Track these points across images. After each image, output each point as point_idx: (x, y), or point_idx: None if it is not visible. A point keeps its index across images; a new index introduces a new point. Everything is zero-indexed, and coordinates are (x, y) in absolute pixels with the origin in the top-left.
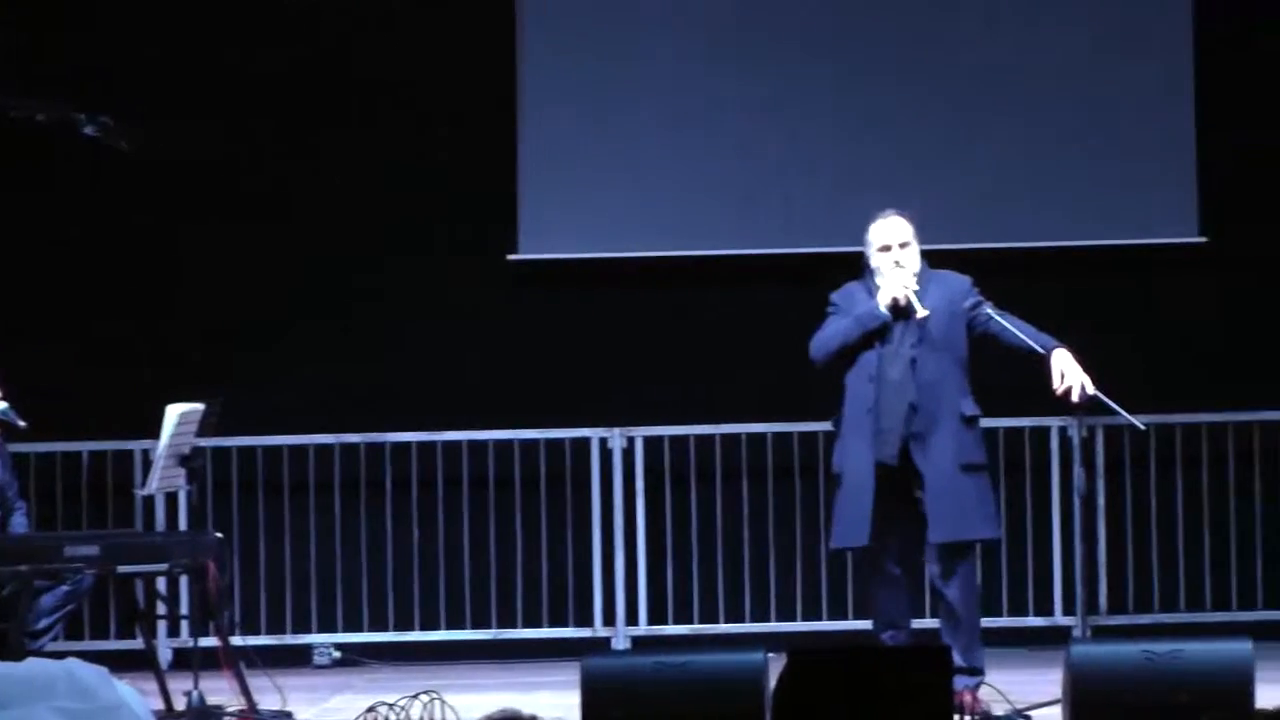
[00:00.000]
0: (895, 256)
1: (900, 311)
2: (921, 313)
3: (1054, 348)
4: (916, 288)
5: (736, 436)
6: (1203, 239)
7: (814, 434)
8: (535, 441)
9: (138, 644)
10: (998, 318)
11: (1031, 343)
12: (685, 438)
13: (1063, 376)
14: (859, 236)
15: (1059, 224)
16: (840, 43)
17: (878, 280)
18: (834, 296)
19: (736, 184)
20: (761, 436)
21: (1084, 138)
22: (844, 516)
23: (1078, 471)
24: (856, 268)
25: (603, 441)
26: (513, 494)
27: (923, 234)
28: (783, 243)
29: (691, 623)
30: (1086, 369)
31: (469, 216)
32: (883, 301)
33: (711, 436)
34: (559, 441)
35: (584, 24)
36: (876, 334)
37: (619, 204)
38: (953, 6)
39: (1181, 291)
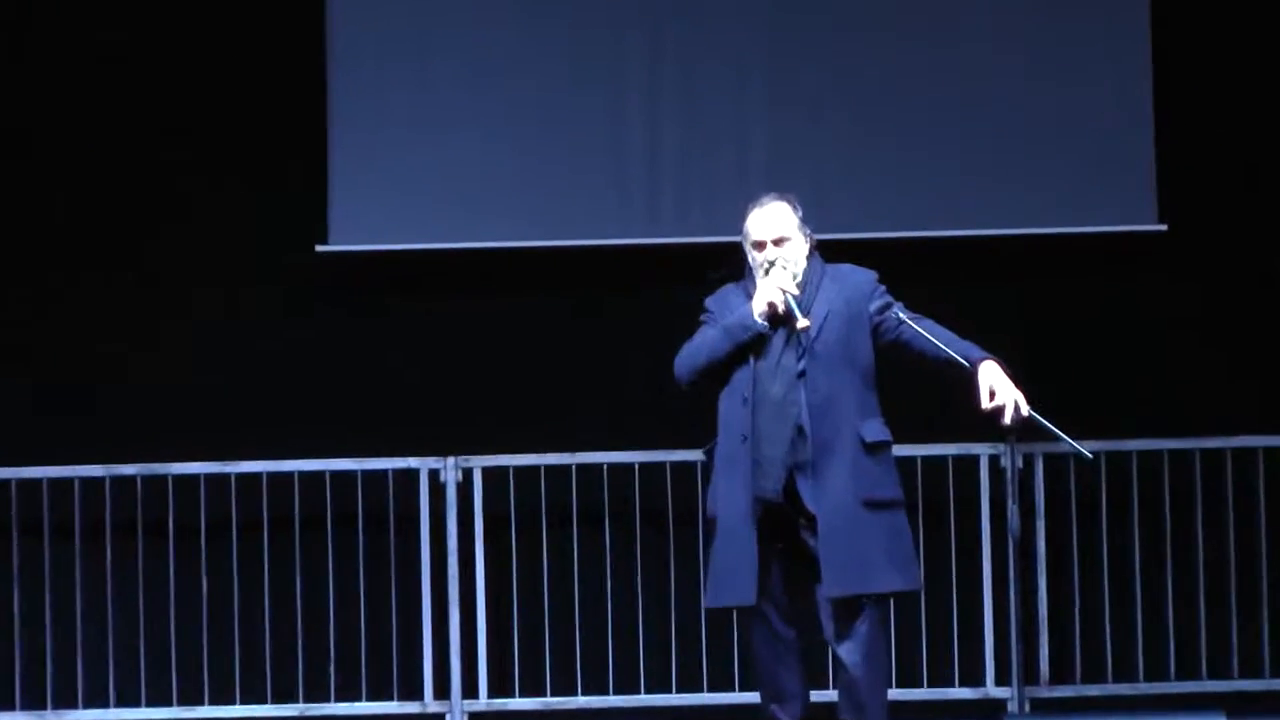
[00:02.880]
0: (769, 255)
1: (780, 319)
2: (802, 323)
3: (981, 358)
4: (797, 291)
5: (596, 468)
6: (1163, 227)
7: (690, 465)
8: (351, 473)
9: None
10: (910, 322)
11: (952, 352)
12: (534, 469)
13: (992, 393)
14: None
15: (990, 211)
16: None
17: (756, 281)
18: (708, 302)
19: (600, 163)
20: (627, 468)
21: (1028, 114)
22: (720, 569)
23: (1012, 510)
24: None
25: (433, 473)
26: (324, 537)
27: (834, 220)
28: (653, 232)
29: (543, 695)
30: (1021, 383)
31: (269, 200)
32: (756, 308)
33: (566, 468)
34: (380, 473)
35: None
36: (751, 347)
37: (450, 186)
38: None
39: (1138, 290)
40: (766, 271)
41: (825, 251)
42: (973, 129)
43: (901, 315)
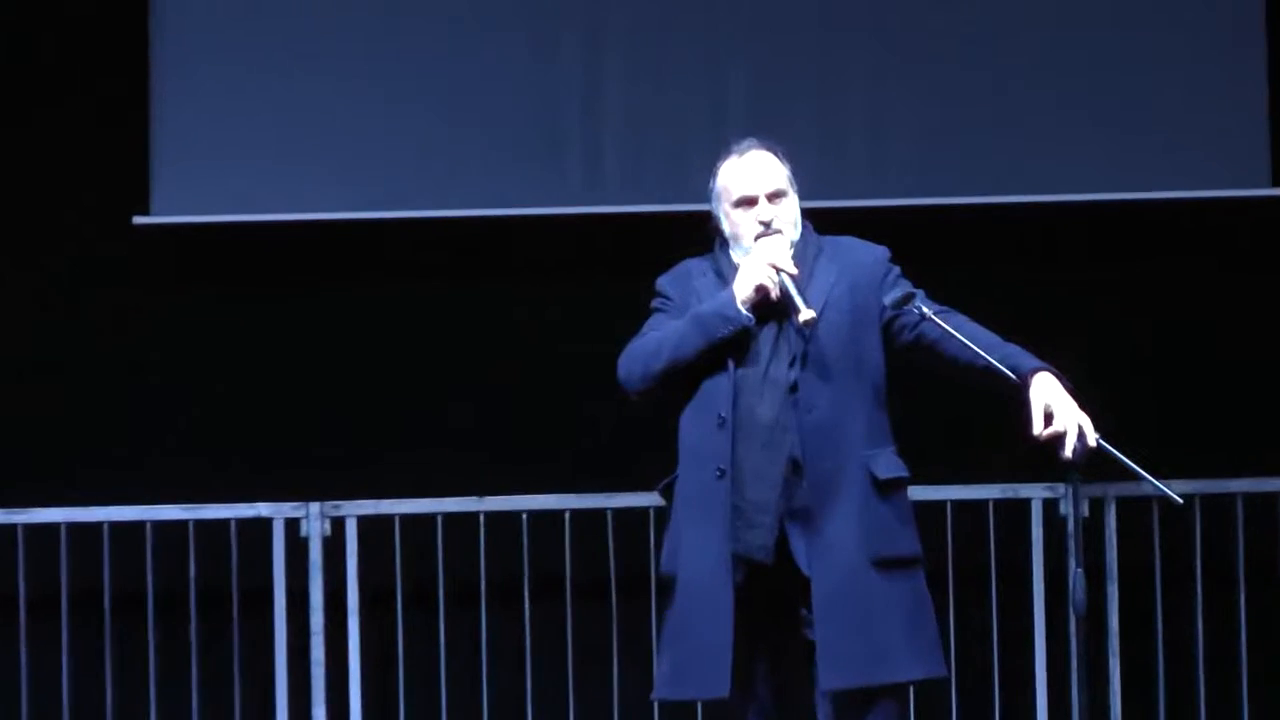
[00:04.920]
0: (763, 214)
1: (772, 309)
2: (805, 314)
3: (1033, 369)
4: (795, 270)
5: (512, 516)
6: (1276, 191)
7: (640, 511)
8: (179, 524)
9: None
10: (935, 318)
11: (993, 359)
12: (428, 519)
13: (1049, 416)
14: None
15: (1062, 173)
16: None
17: (735, 256)
18: (662, 282)
19: (520, 109)
20: (554, 517)
21: (1114, 58)
22: (681, 648)
23: (1075, 573)
24: (701, 238)
25: (291, 524)
26: (143, 610)
27: (849, 184)
28: (592, 199)
29: None
30: (1088, 402)
31: (75, 159)
32: (741, 293)
33: (471, 517)
34: (219, 523)
35: None
36: (731, 347)
37: (312, 140)
38: None
39: (1245, 272)
40: (757, 239)
41: (828, 222)
42: (1042, 73)
43: (924, 309)
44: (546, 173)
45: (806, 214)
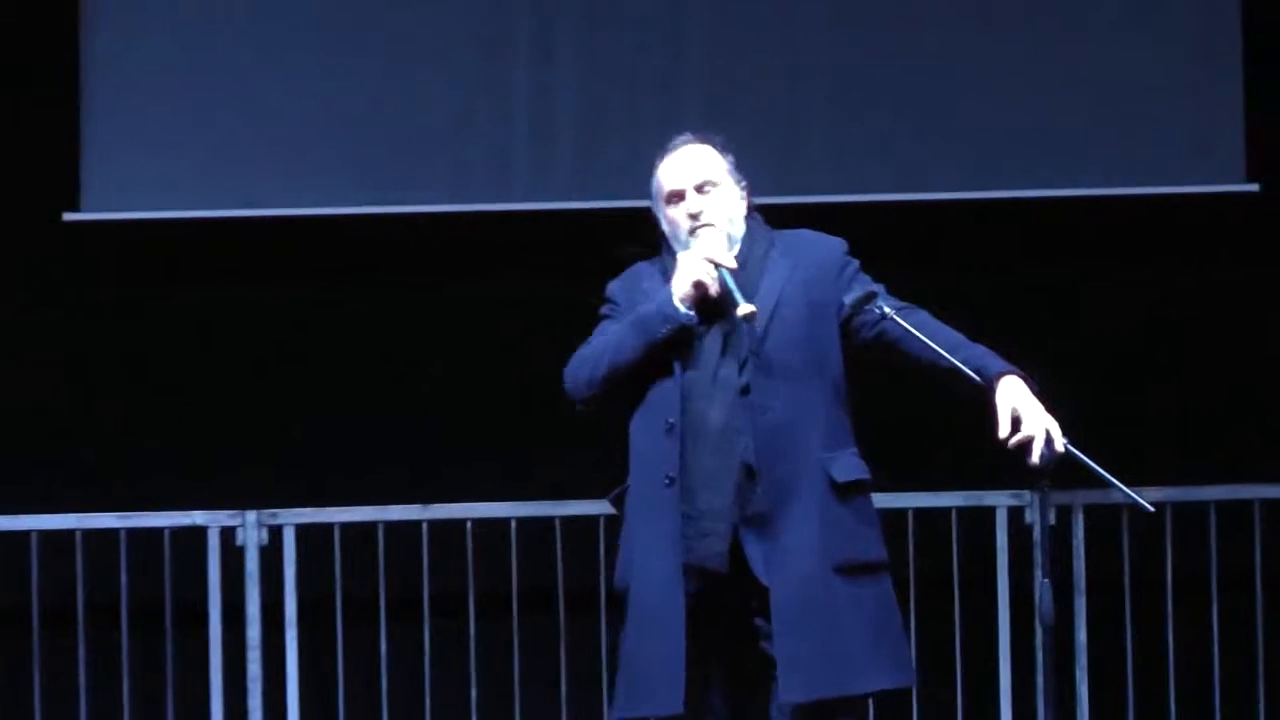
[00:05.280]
0: (693, 207)
1: (720, 308)
2: (744, 308)
3: (1000, 372)
4: (733, 264)
5: (456, 525)
6: (1253, 187)
7: (590, 520)
8: (110, 533)
9: None
10: (895, 316)
11: (957, 361)
12: (369, 528)
13: (1015, 420)
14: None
15: (1035, 169)
16: None
17: (679, 256)
18: (612, 288)
19: (462, 99)
20: (500, 525)
21: (1088, 52)
22: (634, 666)
23: (1042, 584)
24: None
25: (226, 533)
26: (72, 618)
27: (814, 178)
28: (538, 195)
29: None
30: (1056, 406)
31: (3, 155)
32: (679, 290)
33: (414, 526)
34: (152, 532)
35: None
36: (675, 348)
37: (247, 135)
38: None
39: (1221, 269)
40: (692, 233)
41: (791, 218)
42: (1016, 68)
43: (885, 308)
44: (494, 170)
45: (764, 209)
